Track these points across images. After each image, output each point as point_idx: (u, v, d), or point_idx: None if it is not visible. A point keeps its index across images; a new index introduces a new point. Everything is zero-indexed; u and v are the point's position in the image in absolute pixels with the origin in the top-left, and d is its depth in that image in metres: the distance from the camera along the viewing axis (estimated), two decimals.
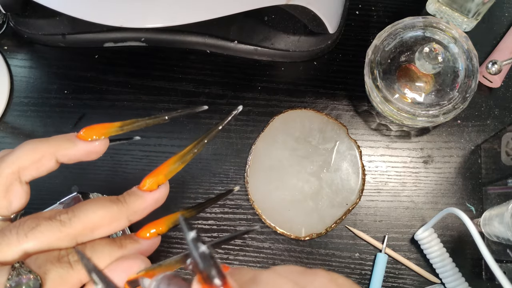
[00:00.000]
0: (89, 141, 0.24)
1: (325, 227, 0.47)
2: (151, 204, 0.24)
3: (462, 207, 0.48)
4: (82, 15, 0.37)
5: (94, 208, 0.22)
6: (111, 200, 0.23)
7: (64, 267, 0.21)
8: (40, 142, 0.23)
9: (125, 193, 0.24)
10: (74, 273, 0.21)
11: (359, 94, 0.51)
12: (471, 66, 0.44)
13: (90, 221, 0.22)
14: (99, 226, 0.22)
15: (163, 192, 0.24)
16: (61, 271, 0.21)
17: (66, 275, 0.21)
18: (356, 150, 0.49)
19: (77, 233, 0.22)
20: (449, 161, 0.50)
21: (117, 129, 0.25)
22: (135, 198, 0.23)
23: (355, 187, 0.48)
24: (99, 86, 0.53)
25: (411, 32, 0.45)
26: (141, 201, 0.23)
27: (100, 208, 0.22)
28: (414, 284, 0.47)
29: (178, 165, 0.24)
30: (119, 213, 0.23)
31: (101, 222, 0.22)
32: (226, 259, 0.48)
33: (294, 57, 0.52)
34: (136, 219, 0.24)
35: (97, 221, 0.22)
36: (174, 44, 0.52)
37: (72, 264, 0.21)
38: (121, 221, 0.23)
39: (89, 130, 0.24)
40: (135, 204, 0.23)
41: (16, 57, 0.54)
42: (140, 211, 0.23)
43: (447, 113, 0.43)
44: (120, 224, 0.23)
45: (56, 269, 0.21)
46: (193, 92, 0.52)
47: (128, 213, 0.23)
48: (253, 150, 0.49)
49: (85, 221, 0.22)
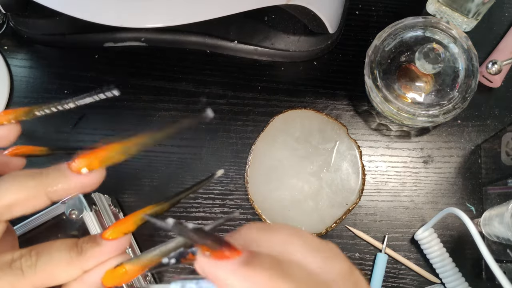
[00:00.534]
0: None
1: (325, 227, 0.47)
2: (75, 187, 0.21)
3: (462, 207, 0.48)
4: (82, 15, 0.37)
5: (8, 184, 0.20)
6: (30, 173, 0.21)
7: (14, 274, 0.20)
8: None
9: (51, 167, 0.21)
10: (25, 281, 0.20)
11: (359, 94, 0.51)
12: (471, 66, 0.44)
13: (4, 198, 0.20)
14: (15, 204, 0.20)
15: (93, 179, 0.21)
16: (11, 279, 0.20)
17: (16, 283, 0.20)
18: (356, 150, 0.49)
19: None
20: (449, 161, 0.50)
21: (23, 114, 0.23)
22: (57, 174, 0.21)
23: (355, 187, 0.48)
24: (99, 86, 0.52)
25: (411, 32, 0.45)
26: (64, 180, 0.21)
27: (15, 182, 0.20)
28: (414, 284, 0.47)
29: (120, 155, 0.21)
30: (36, 189, 0.20)
31: (16, 199, 0.20)
32: None
33: (294, 57, 0.52)
34: (56, 198, 0.21)
35: (12, 198, 0.20)
36: (174, 44, 0.52)
37: (24, 271, 0.20)
38: (39, 198, 0.21)
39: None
40: (55, 181, 0.21)
41: (16, 57, 0.54)
42: (60, 191, 0.21)
43: (447, 113, 0.43)
44: (39, 202, 0.21)
45: (5, 277, 0.20)
46: (193, 92, 0.52)
47: (47, 190, 0.21)
48: (253, 150, 0.49)
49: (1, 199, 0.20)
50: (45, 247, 0.21)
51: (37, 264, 0.20)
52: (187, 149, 0.51)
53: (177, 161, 0.50)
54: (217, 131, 0.51)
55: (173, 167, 0.50)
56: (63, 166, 0.21)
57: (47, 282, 0.21)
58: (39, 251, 0.21)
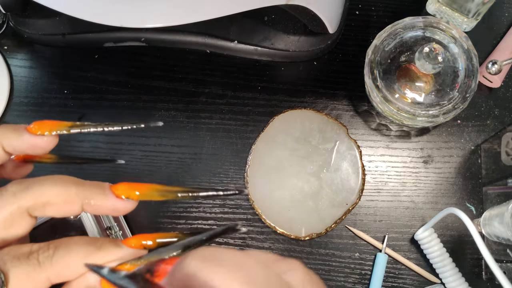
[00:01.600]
0: (36, 135, 0.23)
1: (325, 227, 0.47)
2: (108, 208, 0.22)
3: (462, 207, 0.48)
4: (82, 15, 0.37)
5: (52, 183, 0.21)
6: (74, 180, 0.22)
7: (31, 264, 0.20)
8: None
9: (94, 181, 0.23)
10: (41, 271, 0.20)
11: (359, 94, 0.51)
12: (471, 66, 0.44)
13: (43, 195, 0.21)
14: (51, 204, 0.21)
15: (127, 208, 0.23)
16: (28, 268, 0.20)
17: (33, 273, 0.20)
18: (356, 150, 0.49)
19: (29, 206, 0.21)
20: (449, 161, 0.50)
21: (67, 128, 0.24)
22: (98, 190, 0.22)
23: (355, 187, 0.48)
24: (99, 86, 0.53)
25: (411, 32, 0.45)
26: (102, 198, 0.22)
27: (59, 184, 0.22)
28: (414, 284, 0.47)
29: (156, 195, 0.23)
30: (75, 197, 0.22)
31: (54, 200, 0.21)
32: None
33: (294, 57, 0.52)
34: (87, 210, 0.22)
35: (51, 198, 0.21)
36: (174, 44, 0.52)
37: (40, 262, 0.20)
38: (74, 206, 0.22)
39: (39, 125, 0.23)
40: (95, 195, 0.22)
41: (16, 57, 0.54)
42: (95, 206, 0.22)
43: (447, 113, 0.43)
44: (72, 209, 0.22)
45: (22, 267, 0.20)
46: (193, 92, 0.52)
47: (84, 201, 0.22)
48: (253, 150, 0.49)
49: (37, 194, 0.21)
50: (64, 241, 0.21)
51: (54, 255, 0.21)
52: (187, 149, 0.51)
53: (177, 161, 0.50)
54: (217, 131, 0.51)
55: (173, 167, 0.50)
56: (105, 185, 0.23)
57: (62, 274, 0.21)
58: (57, 244, 0.21)
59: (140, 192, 0.23)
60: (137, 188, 0.23)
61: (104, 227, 0.43)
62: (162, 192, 0.23)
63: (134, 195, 0.22)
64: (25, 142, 0.23)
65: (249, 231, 0.49)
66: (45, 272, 0.20)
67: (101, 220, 0.43)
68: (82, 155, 0.51)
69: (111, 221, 0.45)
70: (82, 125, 0.24)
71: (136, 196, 0.22)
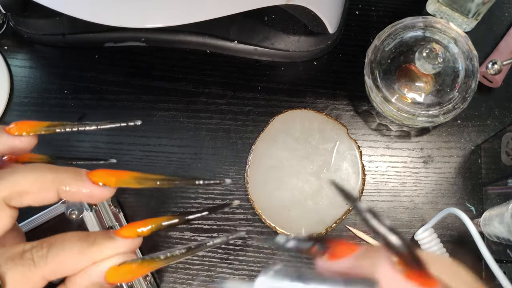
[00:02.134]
0: (14, 136, 0.23)
1: (325, 227, 0.47)
2: (85, 194, 0.22)
3: (462, 207, 0.48)
4: (82, 15, 0.37)
5: (27, 172, 0.21)
6: (49, 167, 0.22)
7: (26, 265, 0.20)
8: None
9: (70, 167, 0.22)
10: (37, 271, 0.20)
11: (359, 94, 0.51)
12: (471, 66, 0.44)
13: (18, 184, 0.21)
14: (27, 193, 0.21)
15: (104, 194, 0.22)
16: (23, 269, 0.20)
17: (28, 273, 0.20)
18: (356, 150, 0.49)
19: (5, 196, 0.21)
20: (449, 161, 0.50)
21: (44, 128, 0.24)
22: (74, 176, 0.22)
23: (355, 187, 0.48)
24: (99, 86, 0.53)
25: (411, 32, 0.45)
26: (79, 184, 0.22)
27: (33, 172, 0.21)
28: None
29: (134, 183, 0.22)
30: (50, 183, 0.21)
31: (30, 188, 0.21)
32: (226, 259, 0.48)
33: (294, 57, 0.52)
34: (63, 197, 0.22)
35: (26, 186, 0.21)
36: (174, 44, 0.52)
37: (35, 261, 0.20)
38: (50, 192, 0.22)
39: (18, 126, 0.23)
40: (71, 181, 0.22)
41: (16, 57, 0.54)
42: (71, 192, 0.22)
43: (447, 113, 0.43)
44: (48, 196, 0.22)
45: (17, 268, 0.20)
46: (193, 92, 0.52)
47: (60, 187, 0.22)
48: (253, 150, 0.49)
49: (12, 183, 0.21)
50: (57, 238, 0.21)
51: (48, 254, 0.21)
52: (187, 149, 0.51)
53: (177, 161, 0.50)
54: (217, 131, 0.51)
55: (173, 167, 0.50)
56: (82, 171, 0.22)
57: (58, 272, 0.21)
58: (51, 242, 0.21)
59: (118, 179, 0.22)
60: (114, 175, 0.22)
61: (106, 227, 0.43)
62: (140, 180, 0.22)
63: (111, 181, 0.22)
64: (2, 143, 0.23)
65: (249, 231, 0.49)
66: (40, 271, 0.20)
67: (103, 220, 0.43)
68: (82, 155, 0.51)
69: (113, 221, 0.45)
70: (60, 124, 0.24)
71: (114, 182, 0.22)
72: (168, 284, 0.48)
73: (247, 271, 0.48)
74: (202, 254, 0.48)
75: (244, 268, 0.48)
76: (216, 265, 0.48)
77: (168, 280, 0.48)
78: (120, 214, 0.48)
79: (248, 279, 0.48)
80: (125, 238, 0.22)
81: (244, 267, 0.48)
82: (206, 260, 0.48)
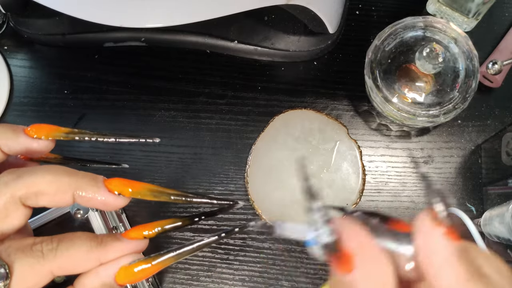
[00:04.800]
0: (33, 138, 0.23)
1: None
2: (100, 202, 0.22)
3: (462, 207, 0.48)
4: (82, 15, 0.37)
5: (45, 173, 0.21)
6: (67, 170, 0.22)
7: (35, 257, 0.20)
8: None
9: (88, 172, 0.23)
10: (45, 263, 0.20)
11: (359, 94, 0.51)
12: (471, 66, 0.44)
13: (35, 184, 0.21)
14: (43, 194, 0.21)
15: (118, 203, 0.22)
16: (31, 260, 0.20)
17: (36, 265, 0.20)
18: (356, 150, 0.49)
19: (21, 195, 0.21)
20: (450, 161, 0.50)
21: (63, 134, 0.24)
22: (91, 182, 0.22)
23: (355, 187, 0.48)
24: (99, 86, 0.52)
25: (411, 32, 0.45)
26: (95, 190, 0.22)
27: (51, 173, 0.21)
28: None
29: (149, 195, 0.23)
30: (67, 186, 0.21)
31: (46, 189, 0.21)
32: (226, 259, 0.48)
33: (294, 57, 0.52)
34: (78, 202, 0.22)
35: (43, 187, 0.21)
36: (174, 44, 0.52)
37: (44, 254, 0.20)
38: (65, 196, 0.22)
39: (36, 128, 0.23)
40: (87, 186, 0.22)
41: (16, 57, 0.54)
42: (86, 198, 0.22)
43: (447, 113, 0.43)
44: (64, 199, 0.22)
45: (26, 259, 0.20)
46: (193, 92, 0.52)
47: (76, 192, 0.22)
48: (253, 150, 0.49)
49: (29, 183, 0.21)
50: (67, 235, 0.22)
51: (58, 248, 0.21)
52: (187, 149, 0.51)
53: (177, 161, 0.50)
54: (217, 131, 0.51)
55: (173, 167, 0.50)
56: (99, 178, 0.22)
57: (65, 268, 0.21)
58: (61, 238, 0.21)
59: (133, 190, 0.22)
60: (130, 185, 0.22)
61: (111, 227, 0.43)
62: (155, 193, 0.23)
63: (126, 191, 0.22)
64: (20, 144, 0.23)
65: (249, 231, 0.48)
66: (48, 264, 0.20)
67: (107, 220, 0.43)
68: (82, 155, 0.51)
69: (116, 221, 0.45)
70: (79, 133, 0.24)
71: (129, 193, 0.22)
72: (168, 285, 0.48)
73: (247, 271, 0.48)
74: (202, 254, 0.48)
75: (244, 268, 0.48)
76: (216, 265, 0.48)
77: (168, 281, 0.48)
78: (122, 215, 0.48)
79: (248, 279, 0.48)
80: (132, 239, 0.22)
81: (244, 267, 0.48)
82: (206, 261, 0.48)
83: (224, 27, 0.51)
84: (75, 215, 0.40)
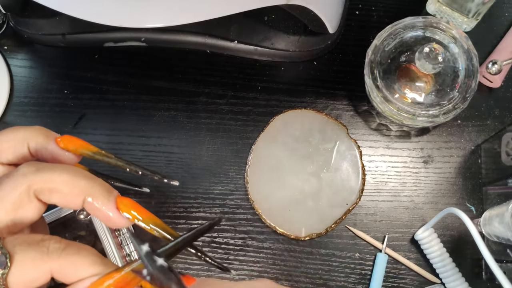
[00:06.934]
0: (61, 149, 0.24)
1: (325, 227, 0.47)
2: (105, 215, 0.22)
3: (462, 207, 0.48)
4: (82, 15, 0.37)
5: (63, 172, 0.22)
6: (85, 175, 0.22)
7: (39, 251, 0.20)
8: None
9: (105, 183, 0.23)
10: (48, 260, 0.20)
11: (359, 94, 0.51)
12: (471, 66, 0.44)
13: (52, 180, 0.21)
14: (57, 192, 0.21)
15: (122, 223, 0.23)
16: (34, 254, 0.20)
17: (39, 259, 0.20)
18: (356, 150, 0.49)
19: (37, 188, 0.21)
20: (449, 161, 0.50)
21: (90, 153, 0.24)
22: (104, 194, 0.22)
23: (355, 187, 0.48)
24: (99, 86, 0.53)
25: (411, 32, 0.45)
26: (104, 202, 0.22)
27: (70, 174, 0.22)
28: (414, 284, 0.47)
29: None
30: (80, 190, 0.22)
31: (61, 188, 0.21)
32: (226, 259, 0.48)
33: (294, 57, 0.52)
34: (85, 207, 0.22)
35: (59, 186, 0.21)
36: (174, 44, 0.52)
37: (50, 250, 0.20)
38: (76, 199, 0.22)
39: (67, 140, 0.24)
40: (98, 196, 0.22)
41: (16, 57, 0.54)
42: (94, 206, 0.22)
43: (447, 113, 0.43)
44: (74, 201, 0.22)
45: (29, 251, 0.20)
46: (193, 92, 0.52)
47: (86, 198, 0.22)
48: (253, 150, 0.49)
49: (46, 178, 0.21)
50: (76, 243, 0.22)
51: (65, 249, 0.21)
52: (187, 149, 0.51)
53: (177, 161, 0.50)
54: (217, 131, 0.51)
55: (173, 167, 0.50)
56: (113, 193, 0.22)
57: (64, 272, 0.21)
58: (70, 243, 0.21)
59: (139, 215, 0.22)
60: (139, 212, 0.22)
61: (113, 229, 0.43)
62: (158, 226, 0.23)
63: (133, 215, 0.22)
64: (48, 151, 0.23)
65: (249, 231, 0.49)
66: (50, 262, 0.20)
67: None
68: None
69: None
70: (105, 155, 0.24)
71: (134, 218, 0.22)
72: None
73: (247, 271, 0.48)
74: None
75: (244, 268, 0.48)
76: None
77: None
78: None
79: (248, 279, 0.48)
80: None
81: (244, 267, 0.48)
82: None
83: (224, 27, 0.51)
84: (78, 216, 0.40)
